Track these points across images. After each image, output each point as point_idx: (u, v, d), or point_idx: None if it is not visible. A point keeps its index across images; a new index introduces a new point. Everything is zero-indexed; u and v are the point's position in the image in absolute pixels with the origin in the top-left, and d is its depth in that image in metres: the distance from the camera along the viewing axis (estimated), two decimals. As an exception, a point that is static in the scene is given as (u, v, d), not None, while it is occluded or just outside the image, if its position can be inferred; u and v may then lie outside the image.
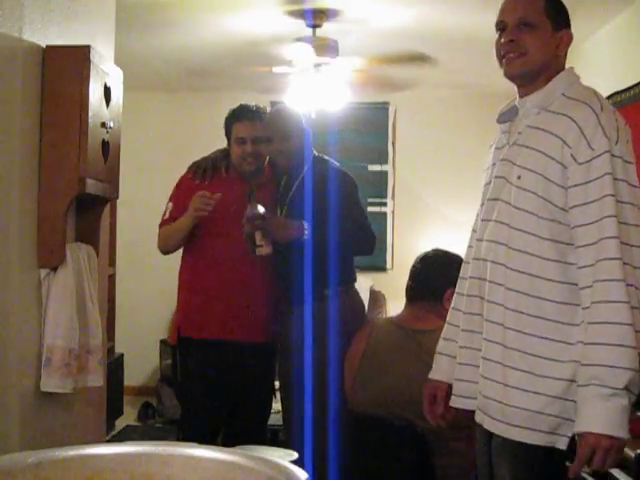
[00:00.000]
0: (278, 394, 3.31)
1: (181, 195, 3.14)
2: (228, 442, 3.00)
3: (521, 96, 1.94)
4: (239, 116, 3.13)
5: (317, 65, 4.79)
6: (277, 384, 3.33)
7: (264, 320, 3.12)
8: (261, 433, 3.17)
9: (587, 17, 4.28)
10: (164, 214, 3.16)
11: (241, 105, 3.19)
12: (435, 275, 2.65)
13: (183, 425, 3.30)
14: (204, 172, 3.13)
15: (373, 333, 2.66)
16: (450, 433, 2.42)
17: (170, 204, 3.16)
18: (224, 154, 3.20)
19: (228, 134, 3.16)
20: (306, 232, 2.93)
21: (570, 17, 1.94)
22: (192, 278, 3.15)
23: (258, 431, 3.15)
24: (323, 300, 3.00)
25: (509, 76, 1.93)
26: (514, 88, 1.97)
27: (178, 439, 3.24)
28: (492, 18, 1.96)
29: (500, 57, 1.94)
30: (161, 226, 3.16)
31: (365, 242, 3.03)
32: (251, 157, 3.08)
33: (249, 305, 3.07)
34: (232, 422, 3.19)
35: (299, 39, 4.60)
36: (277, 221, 3.00)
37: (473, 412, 1.97)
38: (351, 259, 3.19)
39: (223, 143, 3.26)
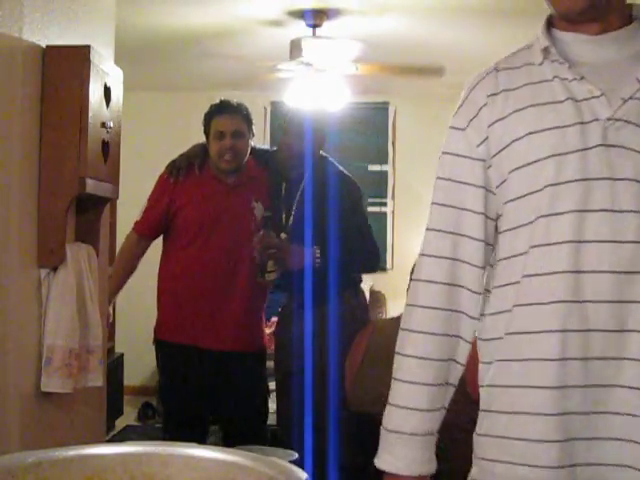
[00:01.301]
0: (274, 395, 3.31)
1: (157, 196, 3.15)
2: (227, 444, 3.00)
3: (594, 33, 1.35)
4: (219, 110, 3.09)
5: (317, 65, 4.79)
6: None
7: (243, 328, 3.09)
8: (260, 435, 3.16)
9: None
10: (140, 212, 3.18)
11: (221, 100, 3.15)
12: None
13: (166, 427, 3.29)
14: (178, 171, 3.10)
15: (374, 333, 2.66)
16: (452, 434, 2.41)
17: (146, 203, 3.18)
18: (201, 150, 3.15)
19: (207, 130, 3.11)
20: (318, 260, 2.96)
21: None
22: (168, 281, 3.13)
23: (257, 434, 3.13)
24: (334, 302, 3.03)
25: (567, 12, 1.34)
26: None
27: (164, 439, 3.23)
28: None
29: None
30: (135, 226, 3.19)
31: (369, 263, 3.08)
32: (230, 152, 3.03)
33: (225, 313, 3.03)
34: (229, 426, 3.18)
35: (299, 39, 4.60)
36: (291, 250, 3.00)
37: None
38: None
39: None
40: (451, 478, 2.44)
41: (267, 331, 4.20)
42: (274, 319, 4.24)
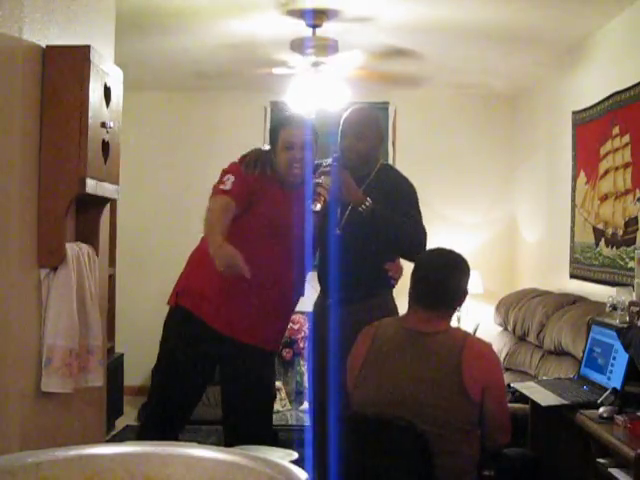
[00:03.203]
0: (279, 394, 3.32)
1: (240, 180, 2.96)
2: (230, 442, 2.99)
3: None
4: (288, 122, 3.11)
5: (317, 65, 4.79)
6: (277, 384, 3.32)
7: (273, 330, 3.08)
8: (264, 434, 3.13)
9: (587, 16, 4.28)
10: (222, 183, 2.94)
11: (289, 112, 3.23)
12: (454, 281, 2.60)
13: (152, 408, 3.20)
14: (254, 166, 3.04)
15: (378, 333, 2.64)
16: (451, 435, 2.41)
17: (231, 177, 2.96)
18: (268, 154, 3.11)
19: (274, 141, 3.08)
20: (367, 203, 3.01)
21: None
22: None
23: (261, 432, 3.11)
24: (376, 296, 3.11)
25: None
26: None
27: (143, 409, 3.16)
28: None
29: None
30: (224, 192, 2.91)
31: (419, 236, 3.11)
32: (299, 163, 3.01)
33: (263, 311, 3.00)
34: (232, 423, 3.16)
35: (299, 39, 4.60)
36: (347, 179, 3.05)
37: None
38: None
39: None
40: (447, 474, 2.45)
41: None
42: None
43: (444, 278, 2.59)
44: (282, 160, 3.03)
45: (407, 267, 3.05)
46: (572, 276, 5.00)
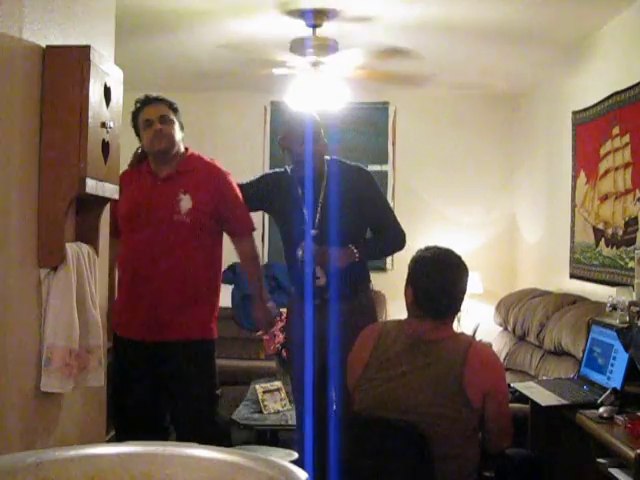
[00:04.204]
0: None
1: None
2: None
3: None
4: (143, 102, 3.18)
5: (317, 65, 4.79)
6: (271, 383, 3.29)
7: (181, 316, 3.07)
8: (209, 428, 3.12)
9: (587, 16, 4.28)
10: None
11: (144, 95, 3.25)
12: (459, 286, 2.58)
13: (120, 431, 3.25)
14: (126, 171, 3.17)
15: (382, 337, 2.62)
16: (451, 440, 2.41)
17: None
18: (139, 152, 3.23)
19: (136, 125, 3.17)
20: (357, 255, 3.13)
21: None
22: (119, 275, 3.18)
23: (205, 426, 3.10)
24: (352, 298, 3.15)
25: None
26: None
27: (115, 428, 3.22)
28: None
29: None
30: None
31: (398, 241, 3.30)
32: (159, 135, 3.09)
33: (156, 303, 3.05)
34: (177, 424, 3.19)
35: (299, 39, 4.61)
36: (334, 253, 3.11)
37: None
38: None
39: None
40: (448, 477, 2.44)
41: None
42: None
43: (450, 286, 2.55)
44: (145, 139, 3.13)
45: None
46: (572, 276, 5.00)
